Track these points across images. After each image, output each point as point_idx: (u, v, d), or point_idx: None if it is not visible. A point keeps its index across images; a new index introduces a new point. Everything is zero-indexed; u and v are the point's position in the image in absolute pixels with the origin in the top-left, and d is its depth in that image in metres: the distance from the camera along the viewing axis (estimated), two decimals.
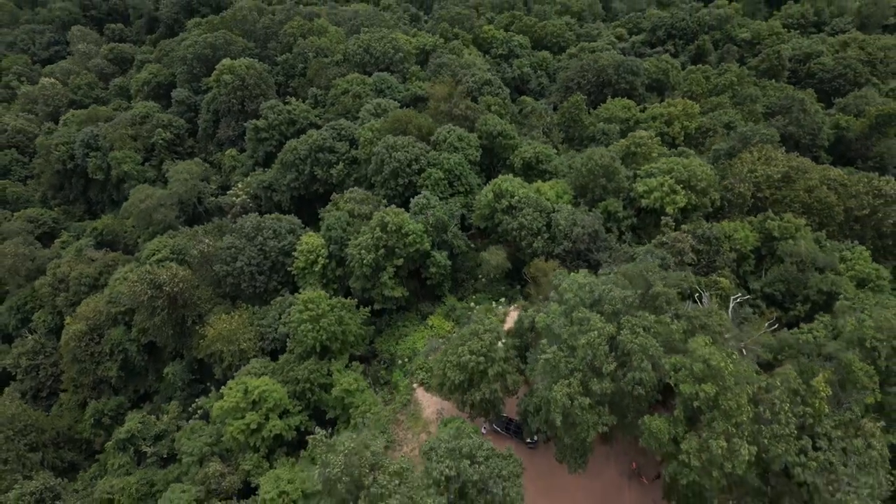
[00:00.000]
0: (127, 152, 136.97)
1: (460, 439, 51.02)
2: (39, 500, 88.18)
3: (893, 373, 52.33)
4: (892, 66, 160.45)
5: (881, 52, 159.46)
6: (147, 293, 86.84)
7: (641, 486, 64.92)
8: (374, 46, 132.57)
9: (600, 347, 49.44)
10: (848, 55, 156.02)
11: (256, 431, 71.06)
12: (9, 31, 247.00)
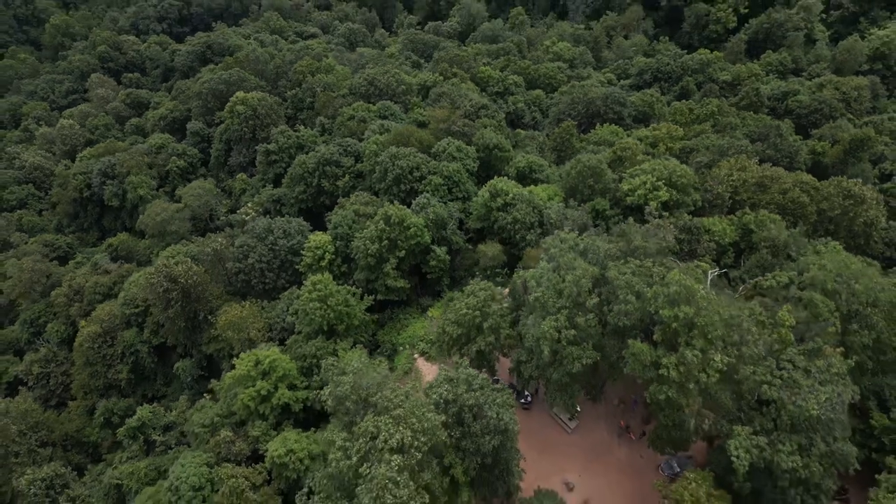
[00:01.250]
0: (143, 178, 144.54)
1: (457, 372, 55.63)
2: (50, 486, 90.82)
3: (854, 312, 57.38)
4: (865, 104, 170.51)
5: (855, 91, 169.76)
6: (163, 285, 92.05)
7: (629, 443, 68.68)
8: (379, 79, 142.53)
9: (584, 284, 54.79)
10: (823, 93, 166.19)
11: (266, 400, 75.03)
12: (30, 81, 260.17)
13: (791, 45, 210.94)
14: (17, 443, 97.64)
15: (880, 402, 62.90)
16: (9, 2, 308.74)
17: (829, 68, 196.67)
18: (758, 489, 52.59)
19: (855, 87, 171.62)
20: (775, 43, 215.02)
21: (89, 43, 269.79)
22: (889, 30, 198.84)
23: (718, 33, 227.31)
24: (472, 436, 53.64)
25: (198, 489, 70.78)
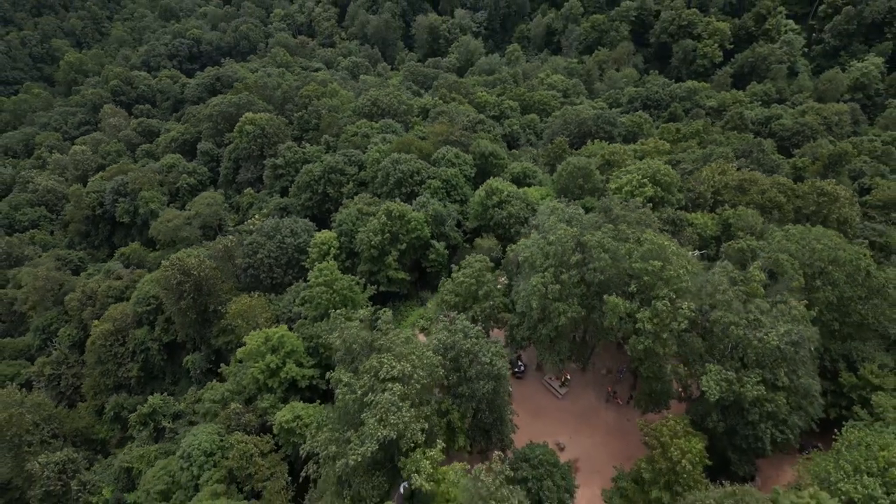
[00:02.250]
0: (154, 193, 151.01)
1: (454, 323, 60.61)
2: (62, 469, 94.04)
3: (816, 269, 62.66)
4: (846, 128, 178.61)
5: (835, 116, 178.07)
6: (177, 278, 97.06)
7: (616, 408, 72.95)
8: (381, 100, 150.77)
9: (567, 243, 60.26)
10: (806, 118, 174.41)
11: (274, 374, 79.42)
12: (43, 113, 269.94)
13: (775, 77, 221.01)
14: (30, 433, 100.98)
15: (849, 364, 67.60)
16: (25, 41, 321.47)
17: (812, 97, 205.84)
18: (731, 427, 57.01)
19: (836, 112, 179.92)
20: (759, 75, 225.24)
21: (102, 78, 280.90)
22: (868, 62, 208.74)
23: (705, 67, 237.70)
24: (468, 381, 58.31)
25: (210, 454, 74.75)
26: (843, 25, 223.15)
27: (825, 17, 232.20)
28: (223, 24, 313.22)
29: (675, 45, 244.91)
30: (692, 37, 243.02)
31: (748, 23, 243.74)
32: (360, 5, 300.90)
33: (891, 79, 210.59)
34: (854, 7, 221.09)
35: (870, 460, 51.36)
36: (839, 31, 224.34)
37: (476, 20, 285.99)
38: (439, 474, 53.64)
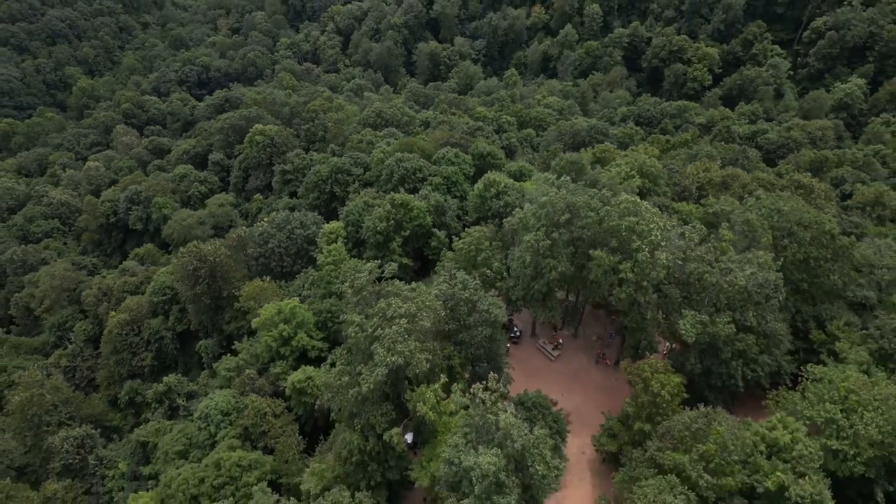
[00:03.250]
0: (167, 199, 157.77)
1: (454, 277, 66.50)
2: (81, 444, 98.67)
3: (784, 230, 68.79)
4: (830, 143, 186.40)
5: (819, 131, 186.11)
6: (193, 264, 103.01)
7: (605, 369, 78.33)
8: (385, 112, 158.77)
9: (558, 205, 66.57)
10: (791, 134, 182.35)
11: (286, 343, 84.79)
12: (56, 135, 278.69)
13: (762, 98, 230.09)
14: (49, 413, 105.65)
15: (819, 325, 73.18)
16: (39, 68, 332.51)
17: (797, 116, 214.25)
18: (707, 368, 62.54)
19: (820, 127, 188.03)
20: (747, 97, 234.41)
21: (114, 102, 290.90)
22: (851, 83, 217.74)
23: (696, 90, 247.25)
24: (467, 328, 64.02)
25: (226, 414, 79.80)
26: (826, 49, 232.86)
27: (809, 42, 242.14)
28: (231, 52, 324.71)
29: (666, 70, 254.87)
30: (682, 61, 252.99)
31: (736, 48, 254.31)
32: (363, 34, 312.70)
33: (873, 99, 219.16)
34: (837, 32, 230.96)
35: (832, 391, 56.85)
36: (823, 55, 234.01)
37: (475, 48, 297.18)
38: (442, 407, 58.98)
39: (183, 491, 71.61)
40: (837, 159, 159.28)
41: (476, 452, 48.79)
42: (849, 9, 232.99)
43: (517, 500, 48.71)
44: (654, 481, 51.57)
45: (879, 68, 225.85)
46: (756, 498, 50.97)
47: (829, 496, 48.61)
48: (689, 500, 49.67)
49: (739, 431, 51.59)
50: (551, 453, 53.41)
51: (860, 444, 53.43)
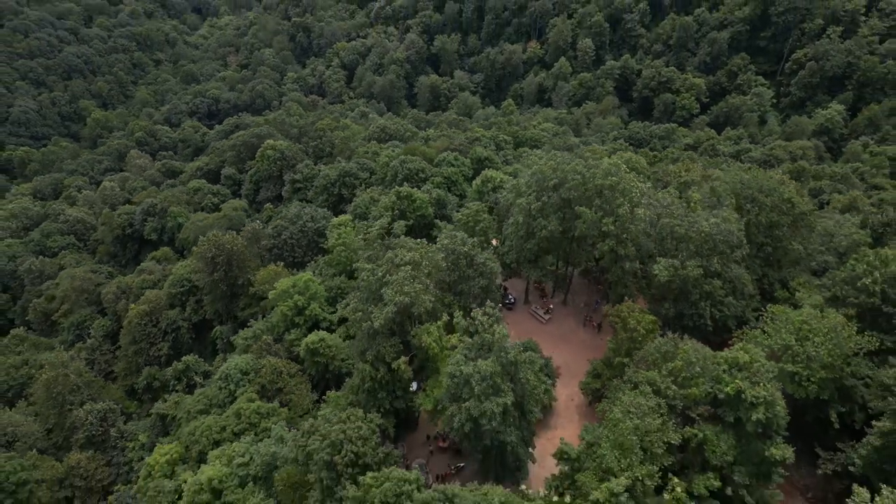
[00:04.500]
0: (182, 209, 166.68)
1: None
2: (103, 418, 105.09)
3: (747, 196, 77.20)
4: (811, 161, 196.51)
5: (800, 150, 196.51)
6: (211, 251, 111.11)
7: (591, 331, 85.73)
8: (389, 127, 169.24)
9: (547, 172, 75.22)
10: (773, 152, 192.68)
11: (300, 313, 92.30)
12: (71, 161, 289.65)
13: (747, 124, 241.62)
14: (72, 392, 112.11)
15: (784, 287, 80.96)
16: (55, 100, 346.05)
17: (780, 139, 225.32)
18: (679, 312, 70.16)
19: (800, 146, 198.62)
20: (733, 123, 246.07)
21: (127, 131, 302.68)
22: (832, 109, 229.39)
23: (684, 117, 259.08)
24: (465, 279, 71.99)
25: (245, 373, 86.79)
26: (807, 79, 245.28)
27: (791, 72, 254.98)
28: (240, 86, 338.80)
29: (656, 99, 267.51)
30: (671, 91, 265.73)
31: (721, 79, 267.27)
32: (367, 68, 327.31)
33: (853, 124, 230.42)
34: (816, 63, 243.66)
35: (788, 325, 64.52)
36: (804, 84, 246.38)
37: (474, 81, 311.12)
38: (444, 342, 66.53)
39: (207, 437, 78.29)
40: (817, 173, 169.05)
41: (475, 364, 56.18)
42: (827, 41, 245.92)
43: (512, 403, 55.95)
44: (630, 393, 58.78)
45: (858, 96, 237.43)
46: (718, 406, 58.03)
47: (781, 398, 55.73)
48: (661, 406, 56.85)
49: (702, 349, 59.02)
50: (540, 378, 60.89)
51: (812, 367, 60.78)
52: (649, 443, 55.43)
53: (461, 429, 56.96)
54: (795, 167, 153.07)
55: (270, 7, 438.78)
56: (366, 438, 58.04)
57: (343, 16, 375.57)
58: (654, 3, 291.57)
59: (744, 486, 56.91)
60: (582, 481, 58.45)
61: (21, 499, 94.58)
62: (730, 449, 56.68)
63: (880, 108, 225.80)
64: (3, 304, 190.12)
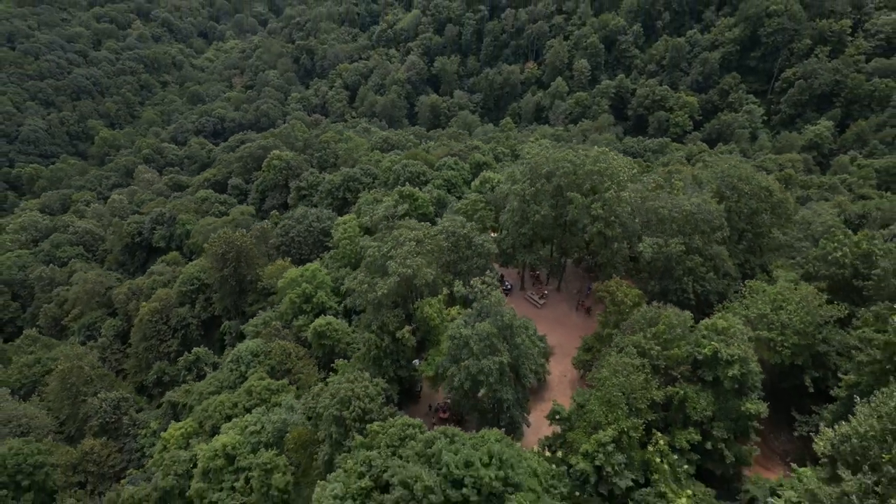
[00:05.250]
0: (190, 216, 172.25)
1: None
2: (116, 406, 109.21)
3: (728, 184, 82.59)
4: (799, 173, 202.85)
5: (790, 162, 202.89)
6: (222, 248, 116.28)
7: (583, 315, 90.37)
8: (392, 138, 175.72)
9: (540, 160, 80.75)
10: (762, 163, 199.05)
11: (308, 300, 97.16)
12: (79, 177, 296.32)
13: (738, 140, 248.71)
14: (86, 384, 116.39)
15: (764, 272, 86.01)
16: (64, 120, 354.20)
17: (771, 153, 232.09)
18: (664, 288, 75.13)
19: (789, 160, 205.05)
20: (725, 139, 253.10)
21: (134, 148, 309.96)
22: (820, 125, 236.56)
23: (678, 134, 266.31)
24: (464, 259, 77.05)
25: (255, 355, 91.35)
26: (796, 97, 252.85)
27: (781, 91, 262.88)
28: (245, 106, 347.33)
29: (650, 117, 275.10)
30: (665, 109, 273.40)
31: (714, 97, 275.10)
32: (368, 88, 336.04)
33: (841, 139, 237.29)
34: (805, 81, 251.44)
35: (764, 296, 69.54)
36: (794, 102, 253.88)
37: (473, 100, 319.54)
38: (444, 314, 71.41)
39: (219, 412, 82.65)
40: (805, 183, 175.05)
41: (474, 326, 61.06)
42: (815, 60, 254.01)
43: (508, 363, 60.69)
44: (616, 356, 63.51)
45: (846, 112, 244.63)
46: (698, 366, 62.70)
47: (754, 356, 60.46)
48: (645, 366, 61.54)
49: (683, 314, 63.89)
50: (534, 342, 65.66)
51: (786, 333, 65.55)
52: (634, 399, 60.00)
53: (461, 387, 61.60)
54: (783, 175, 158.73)
55: (275, 32, 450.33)
56: (372, 397, 62.62)
57: (346, 39, 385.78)
58: (647, 25, 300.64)
59: (722, 440, 61.31)
60: (572, 438, 62.92)
61: (37, 481, 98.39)
62: (709, 405, 61.16)
63: (868, 124, 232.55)
64: (13, 313, 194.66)
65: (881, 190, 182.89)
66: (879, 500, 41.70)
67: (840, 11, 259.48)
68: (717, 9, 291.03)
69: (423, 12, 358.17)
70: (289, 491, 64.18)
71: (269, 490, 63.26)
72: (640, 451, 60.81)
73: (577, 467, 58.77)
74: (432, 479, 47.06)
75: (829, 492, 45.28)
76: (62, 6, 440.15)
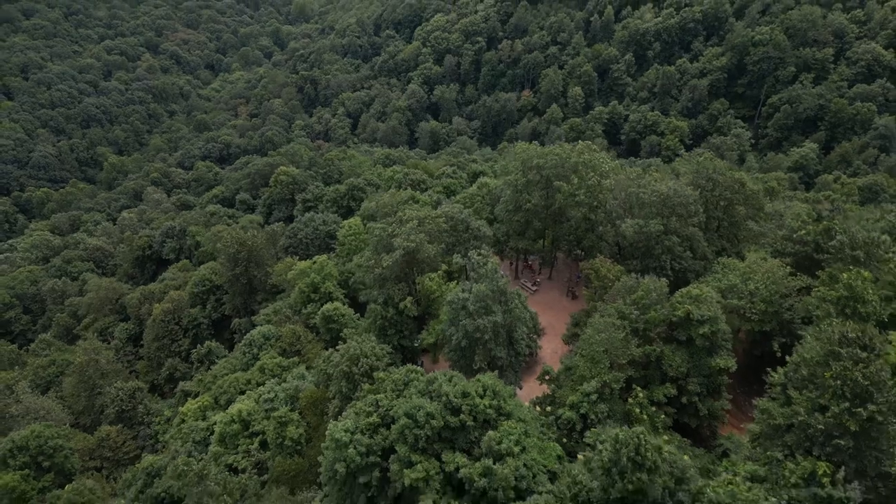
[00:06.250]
0: (200, 228, 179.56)
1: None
2: (132, 395, 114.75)
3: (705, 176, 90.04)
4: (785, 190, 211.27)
5: (775, 180, 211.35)
6: (234, 247, 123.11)
7: (573, 300, 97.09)
8: (394, 154, 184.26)
9: (532, 157, 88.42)
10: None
11: (316, 290, 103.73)
12: (89, 200, 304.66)
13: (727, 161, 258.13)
14: (102, 377, 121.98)
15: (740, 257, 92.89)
16: (73, 147, 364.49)
17: (758, 173, 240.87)
18: (644, 266, 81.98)
19: (775, 177, 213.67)
20: None
21: (143, 172, 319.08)
22: (806, 147, 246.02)
23: (669, 157, 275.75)
24: (462, 242, 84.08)
25: (267, 338, 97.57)
26: (782, 121, 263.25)
27: (768, 116, 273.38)
28: (250, 133, 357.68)
29: (642, 141, 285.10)
30: (657, 133, 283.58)
31: (703, 122, 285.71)
32: (370, 116, 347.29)
33: (826, 161, 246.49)
34: (790, 106, 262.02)
35: (735, 270, 76.50)
36: (780, 126, 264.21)
37: (471, 126, 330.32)
38: (443, 288, 78.18)
39: (234, 387, 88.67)
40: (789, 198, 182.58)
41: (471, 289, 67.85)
42: (800, 86, 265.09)
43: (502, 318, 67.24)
44: (599, 319, 70.13)
45: (831, 136, 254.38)
46: (673, 328, 69.25)
47: (722, 316, 67.06)
48: (626, 326, 68.11)
49: (659, 281, 70.68)
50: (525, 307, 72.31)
51: (754, 301, 72.33)
52: (615, 356, 66.47)
53: (458, 346, 68.09)
54: (767, 187, 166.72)
55: (279, 64, 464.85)
56: (378, 357, 69.03)
57: (348, 69, 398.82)
58: (638, 55, 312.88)
59: (696, 394, 67.59)
60: (560, 395, 69.20)
61: (57, 462, 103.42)
62: (683, 362, 67.64)
63: (851, 146, 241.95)
64: (24, 325, 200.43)
65: (863, 205, 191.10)
66: (821, 412, 48.29)
67: (822, 41, 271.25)
68: (704, 39, 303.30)
69: (423, 44, 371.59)
70: (302, 443, 69.98)
71: (283, 441, 69.08)
72: (622, 404, 67.06)
73: (563, 416, 64.85)
74: (433, 407, 53.32)
75: (781, 412, 51.87)
76: (74, 39, 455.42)
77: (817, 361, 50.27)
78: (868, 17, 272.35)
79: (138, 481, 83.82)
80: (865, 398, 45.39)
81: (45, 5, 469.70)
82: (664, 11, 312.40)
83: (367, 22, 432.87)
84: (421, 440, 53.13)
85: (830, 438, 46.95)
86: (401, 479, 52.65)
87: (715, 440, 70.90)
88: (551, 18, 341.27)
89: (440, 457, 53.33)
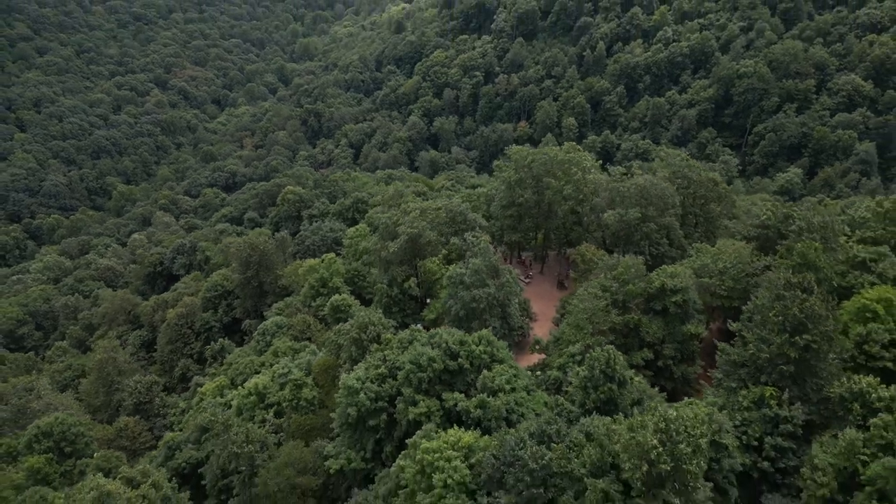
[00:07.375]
0: (210, 244, 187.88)
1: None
2: (150, 388, 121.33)
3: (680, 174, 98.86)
4: None
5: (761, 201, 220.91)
6: (246, 251, 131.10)
7: (563, 291, 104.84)
8: (395, 174, 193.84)
9: (528, 160, 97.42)
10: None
11: (325, 285, 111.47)
12: (98, 225, 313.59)
13: None
14: (120, 374, 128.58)
15: None
16: (83, 177, 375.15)
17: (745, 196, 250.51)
18: (626, 252, 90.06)
19: (761, 198, 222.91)
20: None
21: (151, 199, 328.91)
22: (790, 172, 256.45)
23: None
24: (458, 233, 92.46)
25: (279, 327, 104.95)
26: (768, 148, 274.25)
27: (754, 143, 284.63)
28: (255, 162, 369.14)
29: None
30: (648, 161, 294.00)
31: (692, 150, 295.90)
32: (372, 146, 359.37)
33: (811, 185, 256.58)
34: (775, 134, 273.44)
35: (707, 253, 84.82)
36: (766, 153, 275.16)
37: (469, 156, 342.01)
38: (443, 270, 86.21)
39: (249, 369, 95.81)
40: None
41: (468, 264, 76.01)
42: (784, 115, 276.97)
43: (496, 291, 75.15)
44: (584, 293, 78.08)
45: (814, 161, 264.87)
46: (650, 300, 77.08)
47: (693, 287, 75.00)
48: (607, 297, 75.98)
49: (637, 259, 78.82)
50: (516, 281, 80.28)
51: (724, 279, 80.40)
52: (597, 323, 74.22)
53: (456, 316, 75.88)
54: (752, 198, 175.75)
55: (284, 99, 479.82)
56: (385, 326, 76.67)
57: (351, 103, 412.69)
58: (629, 87, 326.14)
59: (671, 358, 75.12)
60: (549, 361, 76.78)
61: (78, 448, 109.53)
62: (659, 329, 75.38)
63: (834, 171, 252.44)
64: (37, 342, 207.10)
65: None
66: (767, 344, 56.04)
67: (805, 73, 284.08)
68: (692, 72, 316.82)
69: (423, 78, 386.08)
70: (315, 404, 77.04)
71: (298, 402, 76.18)
72: None
73: (551, 377, 72.30)
74: (434, 353, 60.96)
75: (737, 351, 59.68)
76: (86, 75, 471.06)
77: (766, 306, 58.27)
78: (847, 50, 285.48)
79: (160, 456, 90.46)
80: (802, 329, 53.21)
81: (58, 43, 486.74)
82: (653, 46, 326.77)
83: (370, 58, 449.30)
84: (424, 382, 60.55)
85: (775, 366, 54.67)
86: (406, 417, 59.88)
87: None
88: (546, 54, 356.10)
89: (441, 397, 60.65)
